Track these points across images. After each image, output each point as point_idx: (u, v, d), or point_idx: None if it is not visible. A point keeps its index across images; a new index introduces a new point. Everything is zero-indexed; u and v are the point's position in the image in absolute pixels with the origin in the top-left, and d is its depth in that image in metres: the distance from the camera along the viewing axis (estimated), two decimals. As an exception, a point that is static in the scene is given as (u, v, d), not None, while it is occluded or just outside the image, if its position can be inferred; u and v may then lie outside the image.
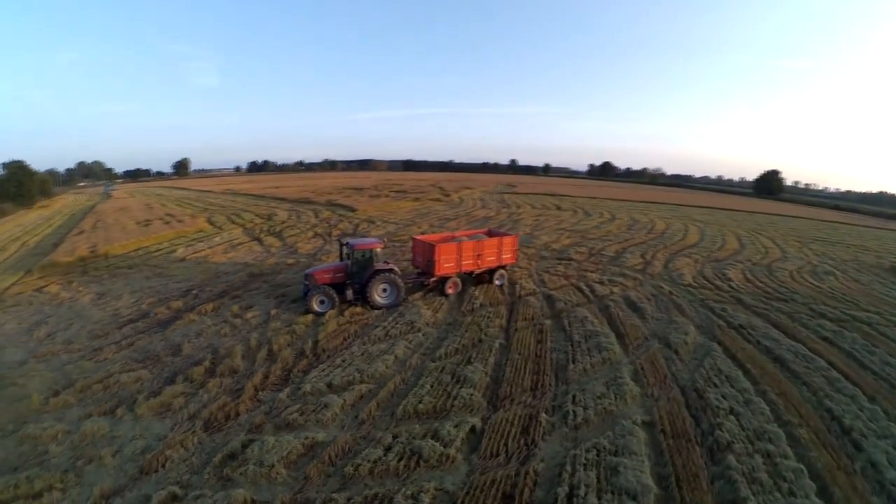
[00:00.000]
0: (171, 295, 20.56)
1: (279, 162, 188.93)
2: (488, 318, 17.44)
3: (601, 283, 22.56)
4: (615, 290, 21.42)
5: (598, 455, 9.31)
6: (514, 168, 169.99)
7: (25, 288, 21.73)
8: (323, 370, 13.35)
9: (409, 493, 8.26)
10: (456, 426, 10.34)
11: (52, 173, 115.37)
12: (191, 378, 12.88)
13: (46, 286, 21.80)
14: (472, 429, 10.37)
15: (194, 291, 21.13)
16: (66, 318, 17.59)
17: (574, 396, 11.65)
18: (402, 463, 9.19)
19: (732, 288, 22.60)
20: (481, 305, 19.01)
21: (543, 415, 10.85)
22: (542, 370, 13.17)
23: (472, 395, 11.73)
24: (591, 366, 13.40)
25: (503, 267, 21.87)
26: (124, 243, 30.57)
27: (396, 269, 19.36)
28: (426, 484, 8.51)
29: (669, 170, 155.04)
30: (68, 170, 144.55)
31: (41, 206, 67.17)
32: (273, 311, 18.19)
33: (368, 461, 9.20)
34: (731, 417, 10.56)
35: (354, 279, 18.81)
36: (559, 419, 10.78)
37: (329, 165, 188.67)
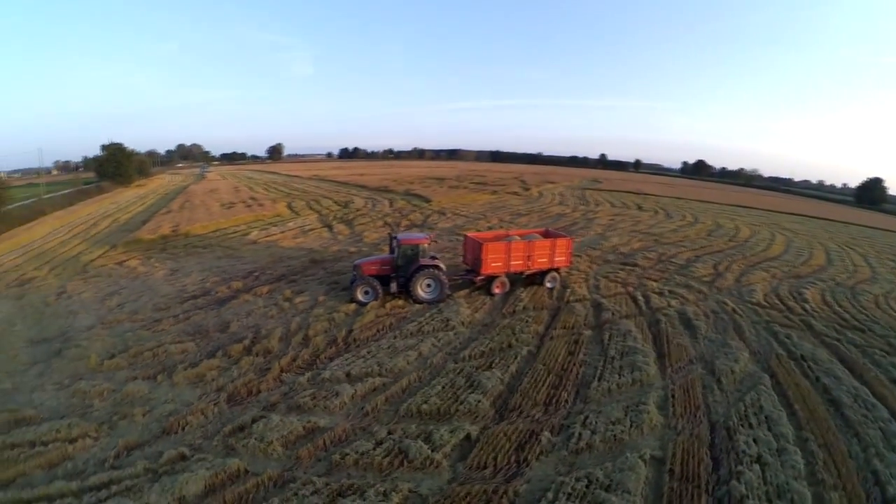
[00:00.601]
0: (234, 275, 23.21)
1: (369, 149, 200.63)
2: (526, 322, 17.49)
3: (660, 293, 21.47)
4: (673, 302, 20.28)
5: (587, 486, 9.11)
6: (603, 163, 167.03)
7: (108, 261, 25.97)
8: (346, 359, 14.46)
9: (382, 489, 8.89)
10: (451, 431, 10.72)
11: (151, 154, 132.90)
12: (229, 354, 14.71)
13: (127, 260, 25.90)
14: (468, 437, 10.67)
15: (256, 273, 23.63)
16: (137, 290, 20.87)
17: (586, 418, 11.44)
18: (388, 460, 9.84)
19: (806, 311, 20.37)
20: (524, 308, 19.06)
21: (546, 433, 10.80)
22: (562, 385, 13.06)
23: (479, 402, 12.00)
24: (618, 386, 12.98)
25: (556, 270, 21.68)
26: (205, 224, 34.95)
27: (441, 265, 20.06)
28: (402, 484, 9.06)
29: (767, 171, 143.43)
30: (168, 151, 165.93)
31: (138, 186, 78.18)
32: (321, 298, 19.84)
33: (357, 452, 9.99)
34: (756, 467, 9.68)
35: (400, 272, 19.82)
36: (562, 440, 10.68)
37: (417, 154, 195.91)
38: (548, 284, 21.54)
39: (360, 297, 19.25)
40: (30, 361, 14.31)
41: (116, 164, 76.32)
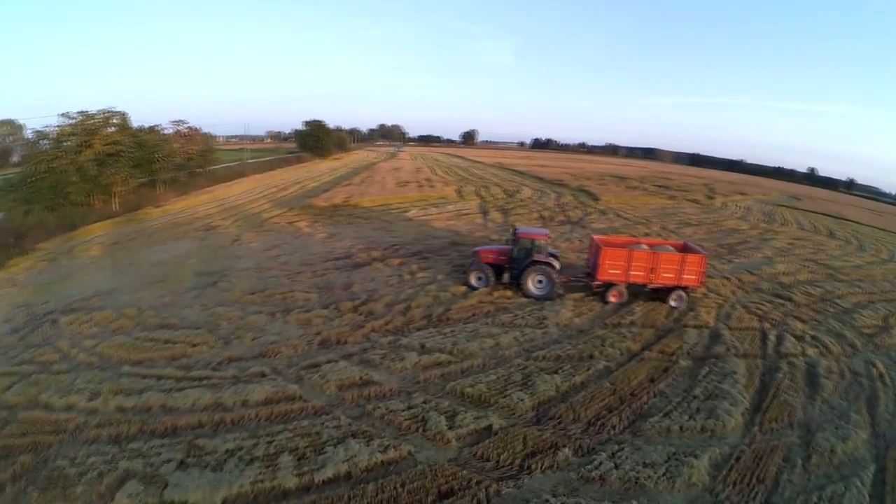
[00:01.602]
0: (378, 246, 27.02)
1: (562, 141, 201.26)
2: (622, 337, 16.57)
3: (800, 337, 17.60)
4: (809, 351, 16.42)
5: (569, 518, 8.81)
6: (810, 178, 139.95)
7: (282, 220, 32.66)
8: (429, 333, 16.19)
9: (387, 443, 10.30)
10: (476, 419, 11.40)
11: (353, 132, 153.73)
12: (339, 308, 17.85)
13: (297, 221, 32.15)
14: (489, 428, 11.19)
15: (397, 247, 27.03)
16: (295, 246, 26.18)
17: (620, 450, 10.68)
18: (408, 423, 11.18)
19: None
20: (630, 323, 17.99)
21: (567, 450, 10.56)
22: (619, 409, 12.31)
23: (522, 401, 12.28)
24: (681, 428, 11.61)
25: (683, 288, 19.62)
26: (374, 198, 40.74)
27: (556, 264, 20.15)
28: (405, 446, 10.30)
29: None
30: (370, 130, 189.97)
31: (334, 159, 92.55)
32: (440, 277, 21.95)
33: (387, 409, 11.60)
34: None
35: (514, 264, 20.59)
36: (579, 463, 10.29)
37: (611, 150, 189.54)
38: (672, 303, 19.64)
39: (472, 281, 20.66)
40: (190, 287, 19.93)
41: (316, 139, 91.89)
